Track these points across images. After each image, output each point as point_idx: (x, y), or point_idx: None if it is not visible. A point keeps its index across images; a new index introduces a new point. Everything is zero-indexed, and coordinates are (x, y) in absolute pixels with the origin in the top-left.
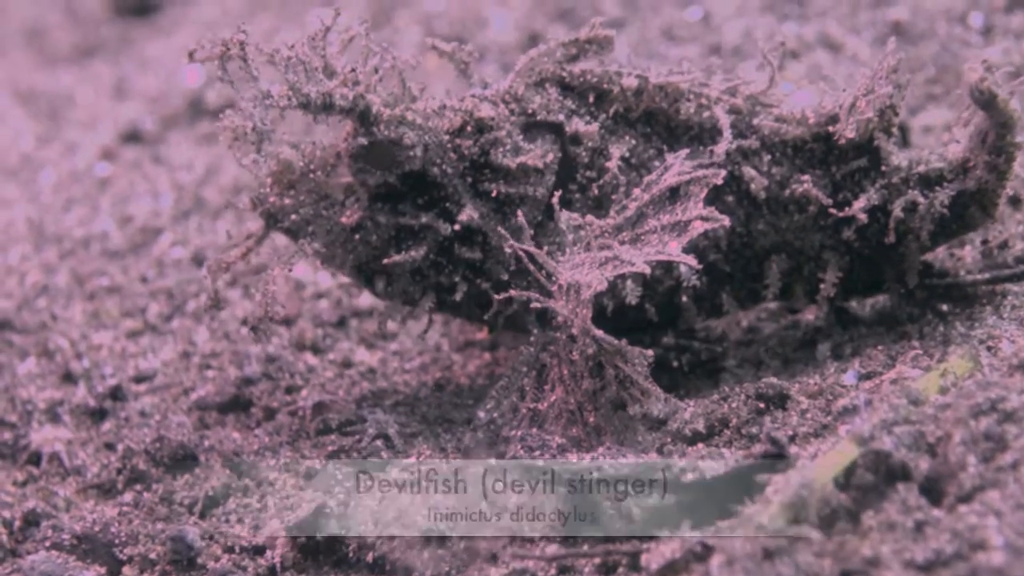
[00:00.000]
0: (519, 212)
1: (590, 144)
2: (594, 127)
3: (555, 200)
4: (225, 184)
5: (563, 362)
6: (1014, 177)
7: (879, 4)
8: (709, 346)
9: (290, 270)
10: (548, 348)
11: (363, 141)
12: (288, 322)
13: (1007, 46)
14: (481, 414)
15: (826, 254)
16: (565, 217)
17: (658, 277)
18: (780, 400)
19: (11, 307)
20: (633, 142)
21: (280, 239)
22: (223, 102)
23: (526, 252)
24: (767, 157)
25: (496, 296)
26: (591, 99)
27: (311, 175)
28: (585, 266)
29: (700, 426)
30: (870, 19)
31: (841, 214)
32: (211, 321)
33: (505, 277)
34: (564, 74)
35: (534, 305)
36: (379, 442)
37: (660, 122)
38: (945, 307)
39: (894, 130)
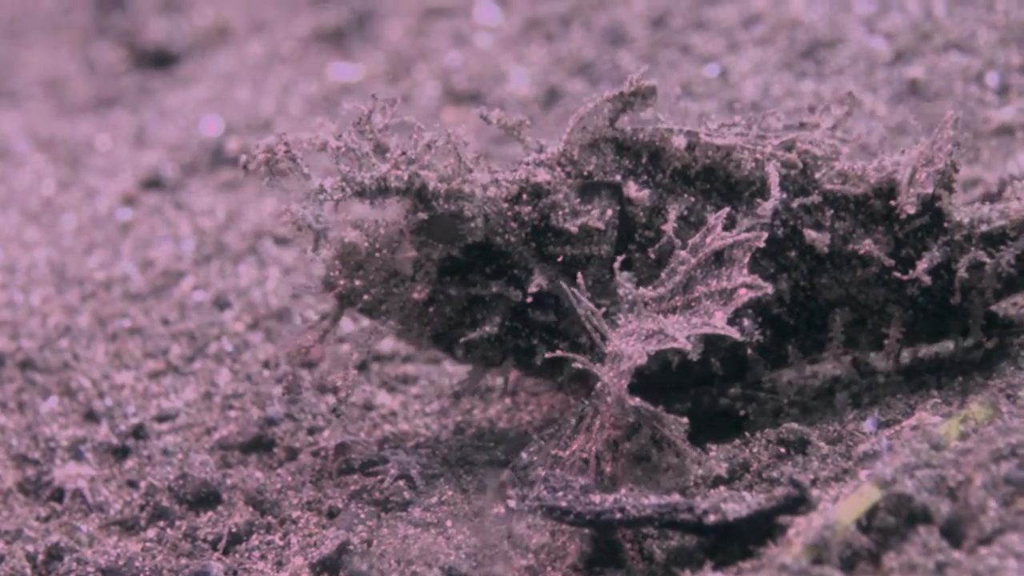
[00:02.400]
0: (579, 275)
1: (645, 206)
2: (645, 193)
3: (616, 266)
4: (246, 230)
5: (602, 419)
6: None
7: (896, 63)
8: (774, 396)
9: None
10: (594, 405)
11: (423, 216)
12: (310, 365)
13: (1023, 105)
14: (524, 455)
15: (890, 308)
16: (623, 283)
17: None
18: (801, 445)
19: (34, 347)
20: (692, 200)
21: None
22: (242, 150)
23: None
24: (829, 212)
25: (545, 354)
26: (646, 158)
27: (377, 254)
28: (634, 335)
29: (722, 470)
30: (887, 77)
31: (905, 277)
32: (233, 363)
33: (583, 338)
34: (617, 135)
35: (575, 365)
36: (401, 482)
37: (719, 178)
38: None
39: (955, 187)
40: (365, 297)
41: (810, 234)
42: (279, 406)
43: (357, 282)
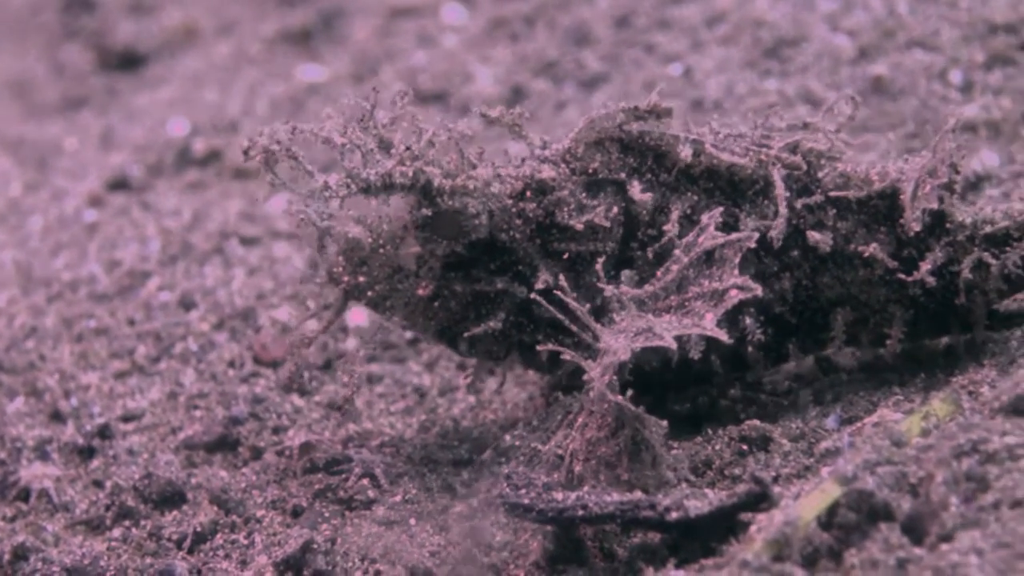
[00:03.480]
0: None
1: (648, 207)
2: (648, 196)
3: (599, 266)
4: (212, 230)
5: (586, 418)
6: None
7: (859, 60)
8: (775, 398)
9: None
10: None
11: (427, 212)
12: (275, 364)
13: (986, 102)
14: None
15: (891, 307)
16: (605, 283)
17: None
18: (763, 442)
19: (0, 348)
20: (695, 198)
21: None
22: (209, 151)
23: (572, 313)
24: (832, 211)
25: (539, 347)
26: (651, 159)
27: (381, 250)
28: (623, 333)
29: (685, 469)
30: (851, 75)
31: (909, 279)
32: (198, 363)
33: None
34: (623, 135)
35: (565, 358)
36: (365, 481)
37: (723, 176)
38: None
39: (956, 187)
40: (369, 293)
41: (813, 236)
42: (243, 405)
43: (361, 278)
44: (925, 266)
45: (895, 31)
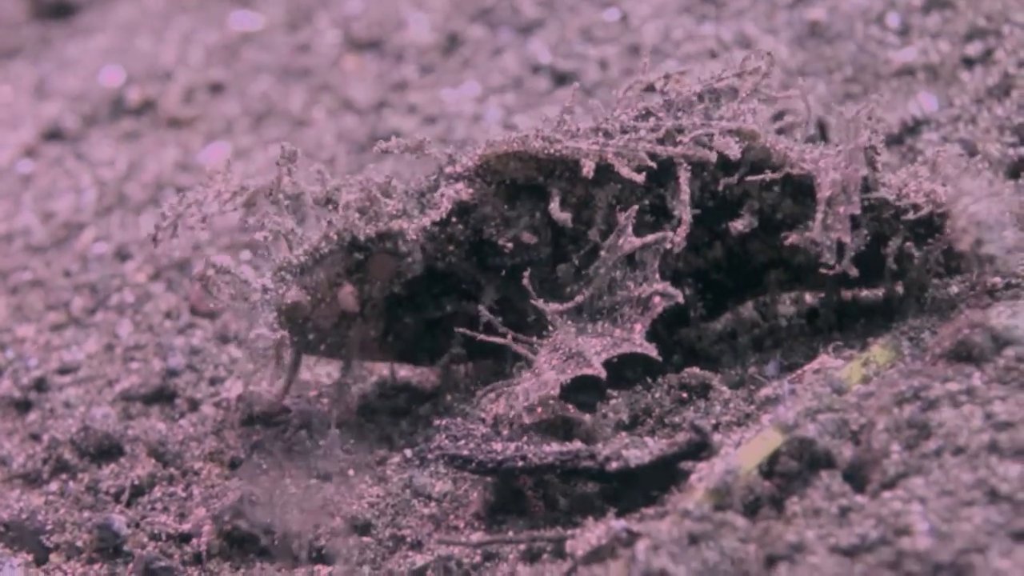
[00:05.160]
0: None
1: (568, 223)
2: (567, 216)
3: (525, 283)
4: (148, 180)
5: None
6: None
7: (796, 4)
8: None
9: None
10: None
11: (359, 256)
12: (212, 315)
13: (923, 45)
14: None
15: (822, 268)
16: (540, 303)
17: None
18: (702, 390)
19: None
20: (618, 187)
21: None
22: (144, 100)
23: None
24: (756, 184)
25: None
26: (561, 166)
27: (322, 304)
28: (556, 355)
29: (624, 416)
30: (787, 19)
31: (831, 272)
32: (135, 314)
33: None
34: (531, 150)
35: (498, 408)
36: (303, 432)
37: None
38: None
39: (879, 166)
40: (321, 347)
41: (735, 226)
42: (180, 357)
43: (310, 336)
44: (848, 254)
45: None
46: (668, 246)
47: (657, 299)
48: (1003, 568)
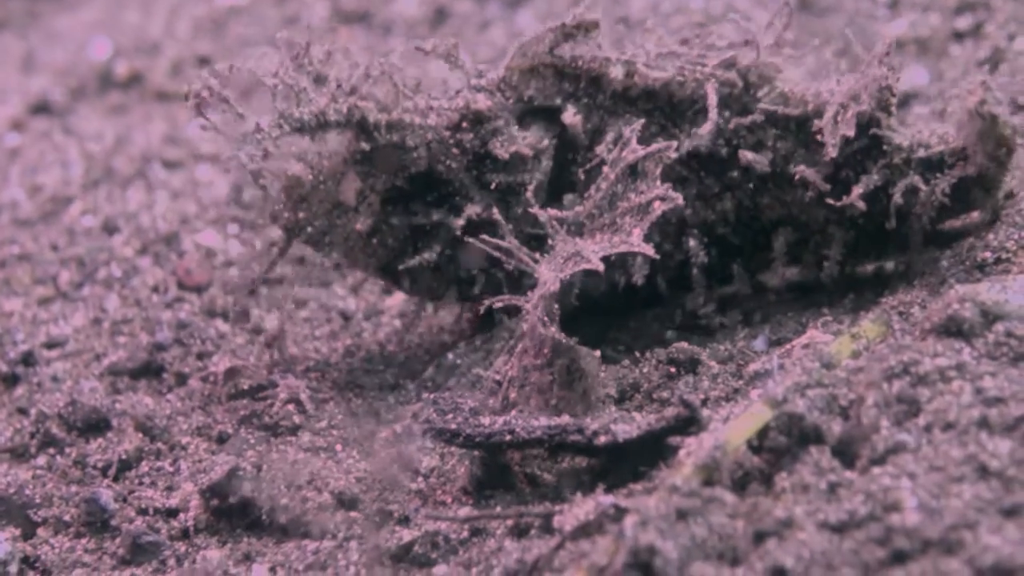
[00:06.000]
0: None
1: (581, 131)
2: (579, 119)
3: (529, 193)
4: (135, 154)
5: (527, 343)
6: (1015, 167)
7: None
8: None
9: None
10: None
11: (365, 147)
12: (199, 289)
13: (914, 19)
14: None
15: (831, 228)
16: (537, 208)
17: (668, 251)
18: (691, 365)
19: None
20: (634, 120)
21: None
22: (131, 73)
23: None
24: (772, 131)
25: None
26: (585, 83)
27: (321, 186)
28: (553, 260)
29: (611, 390)
30: None
31: (839, 203)
32: (122, 288)
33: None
34: (556, 61)
35: (497, 305)
36: (291, 407)
37: (661, 98)
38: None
39: (893, 110)
40: (309, 229)
41: (746, 155)
42: (168, 331)
43: (301, 214)
44: (857, 190)
45: None
46: (673, 156)
47: (657, 203)
48: (993, 544)
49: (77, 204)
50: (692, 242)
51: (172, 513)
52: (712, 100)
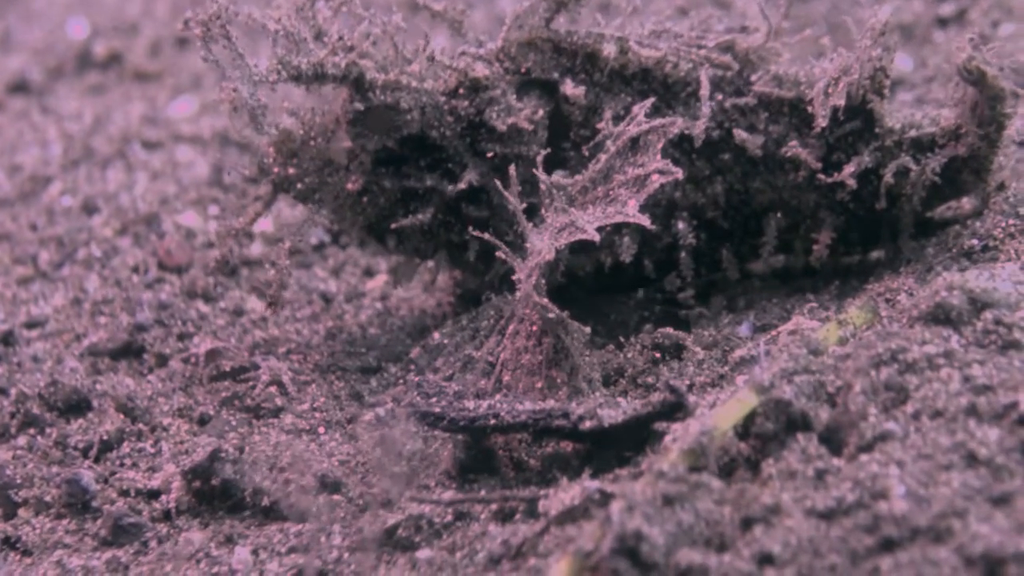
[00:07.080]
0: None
1: (581, 104)
2: (581, 91)
3: (539, 160)
4: (114, 134)
5: (518, 322)
6: (1005, 145)
7: None
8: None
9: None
10: (513, 308)
11: (359, 106)
12: (180, 270)
13: (898, 4)
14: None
15: (822, 213)
16: (541, 173)
17: (656, 233)
18: (676, 350)
19: None
20: (628, 99)
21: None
22: (110, 53)
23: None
24: (764, 115)
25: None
26: (581, 59)
27: (312, 143)
28: (548, 231)
29: (596, 375)
30: None
31: (830, 180)
32: (102, 269)
33: (510, 236)
34: (552, 35)
35: (499, 255)
36: (272, 389)
37: (656, 78)
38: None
39: (886, 92)
40: (299, 185)
41: (740, 134)
42: (148, 312)
43: (291, 170)
44: (849, 168)
45: None
46: (676, 130)
47: (656, 176)
48: (982, 532)
49: (56, 184)
50: (681, 224)
51: (154, 495)
52: (705, 89)
